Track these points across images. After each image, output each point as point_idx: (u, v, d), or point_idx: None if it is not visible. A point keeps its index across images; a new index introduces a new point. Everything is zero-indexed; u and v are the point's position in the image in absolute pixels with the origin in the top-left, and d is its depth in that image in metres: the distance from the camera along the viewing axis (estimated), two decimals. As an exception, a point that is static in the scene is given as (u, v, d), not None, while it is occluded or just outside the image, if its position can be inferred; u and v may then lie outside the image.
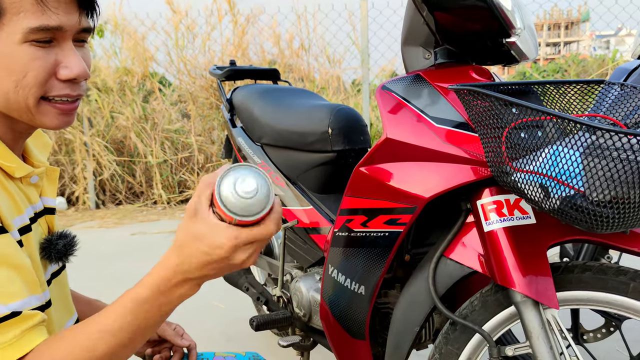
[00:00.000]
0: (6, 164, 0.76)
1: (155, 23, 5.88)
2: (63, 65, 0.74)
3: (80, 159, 5.46)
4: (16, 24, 0.69)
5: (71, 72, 0.74)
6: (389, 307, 1.43)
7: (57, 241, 0.85)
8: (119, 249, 3.89)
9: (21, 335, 0.67)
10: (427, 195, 1.15)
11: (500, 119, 0.96)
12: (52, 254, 0.84)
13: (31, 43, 0.71)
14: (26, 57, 0.71)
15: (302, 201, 1.70)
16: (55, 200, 0.90)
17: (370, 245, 1.28)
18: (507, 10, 1.12)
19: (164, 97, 5.92)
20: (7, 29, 0.69)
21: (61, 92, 0.75)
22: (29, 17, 0.69)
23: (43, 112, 0.76)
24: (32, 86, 0.72)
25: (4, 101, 0.74)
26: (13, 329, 0.66)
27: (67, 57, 0.74)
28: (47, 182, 0.88)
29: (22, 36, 0.70)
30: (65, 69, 0.74)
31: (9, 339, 0.65)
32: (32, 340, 0.67)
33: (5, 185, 0.76)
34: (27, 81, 0.72)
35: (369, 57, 4.94)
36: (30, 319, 0.68)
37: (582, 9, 12.60)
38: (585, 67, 7.02)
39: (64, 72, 0.74)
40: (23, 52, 0.70)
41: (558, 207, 0.90)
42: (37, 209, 0.84)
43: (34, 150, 0.88)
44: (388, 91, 1.25)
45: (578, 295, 1.09)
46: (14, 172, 0.77)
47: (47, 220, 0.87)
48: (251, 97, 1.98)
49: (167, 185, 5.60)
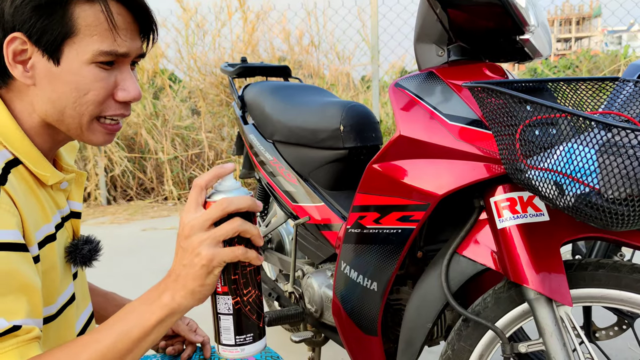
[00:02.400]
0: (41, 172, 0.78)
1: (166, 20, 5.91)
2: (121, 88, 0.78)
3: (91, 155, 5.50)
4: (88, 45, 0.73)
5: (128, 95, 0.79)
6: (401, 303, 1.44)
7: (82, 246, 0.87)
8: (130, 244, 3.92)
9: (14, 346, 0.67)
10: (440, 193, 1.15)
11: (514, 116, 0.96)
12: (77, 258, 0.86)
13: (97, 64, 0.74)
14: (91, 76, 0.75)
15: (314, 198, 1.71)
16: (81, 204, 0.92)
17: (382, 242, 1.28)
18: (521, 7, 1.12)
19: (174, 94, 5.95)
20: (78, 49, 0.73)
21: (116, 112, 0.80)
22: (102, 40, 0.73)
23: (92, 130, 0.79)
24: (91, 104, 0.76)
25: (58, 114, 0.76)
26: (10, 340, 0.67)
27: (125, 81, 0.78)
28: (74, 186, 0.90)
29: (91, 56, 0.74)
30: (124, 91, 0.78)
31: (3, 348, 0.66)
32: (24, 354, 0.68)
33: (37, 194, 0.78)
34: (87, 99, 0.76)
35: (378, 54, 4.94)
36: (26, 332, 0.68)
37: (593, 5, 12.51)
38: (596, 63, 6.95)
39: (122, 94, 0.78)
40: (89, 71, 0.74)
41: (573, 205, 0.90)
42: (64, 213, 0.86)
43: (63, 154, 0.89)
44: (401, 88, 1.25)
45: (591, 293, 1.09)
46: (47, 181, 0.79)
47: (72, 224, 0.89)
48: (263, 94, 1.98)
49: (177, 181, 5.63)
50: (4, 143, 0.75)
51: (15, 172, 0.74)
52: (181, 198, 5.49)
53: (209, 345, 1.08)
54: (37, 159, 0.78)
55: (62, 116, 0.77)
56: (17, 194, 0.71)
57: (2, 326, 0.66)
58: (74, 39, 0.73)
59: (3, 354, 0.66)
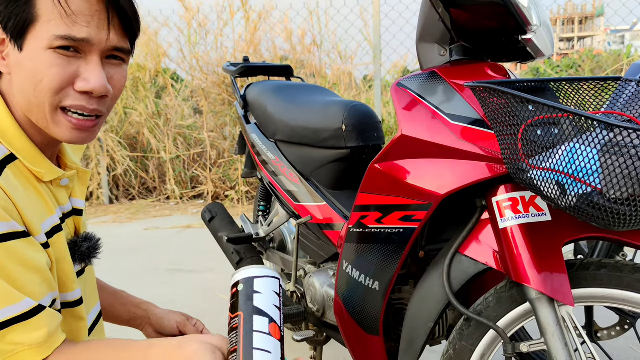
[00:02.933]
0: (36, 169, 0.78)
1: (168, 19, 5.91)
2: (82, 78, 0.75)
3: (94, 154, 5.51)
4: (45, 30, 0.72)
5: (87, 85, 0.75)
6: (403, 303, 1.44)
7: (81, 243, 0.88)
8: (132, 243, 3.92)
9: (48, 337, 0.72)
10: (442, 192, 1.15)
11: (516, 116, 0.96)
12: (75, 255, 0.87)
13: (54, 50, 0.72)
14: (46, 62, 0.72)
15: (316, 197, 1.71)
16: (84, 201, 0.92)
17: (384, 242, 1.28)
18: (524, 7, 1.12)
19: (176, 93, 5.95)
20: (37, 34, 0.72)
21: (75, 102, 0.76)
22: (58, 25, 0.71)
23: (57, 123, 0.77)
24: (47, 92, 0.73)
25: (26, 104, 0.75)
26: (42, 325, 0.71)
27: (88, 71, 0.75)
28: (77, 184, 0.90)
29: (47, 42, 0.72)
30: (83, 80, 0.75)
31: (37, 339, 0.70)
32: (56, 341, 0.73)
33: (37, 188, 0.78)
34: (43, 86, 0.73)
35: (381, 53, 4.94)
36: (55, 320, 0.73)
37: (596, 4, 12.43)
38: (599, 62, 6.93)
39: (80, 83, 0.75)
40: (45, 57, 0.72)
41: (575, 205, 0.90)
42: (66, 210, 0.86)
43: (68, 151, 0.90)
44: (403, 88, 1.25)
45: (593, 293, 1.09)
46: (43, 177, 0.80)
47: (74, 221, 0.89)
48: (265, 93, 1.99)
49: (179, 180, 5.64)
50: (0, 139, 0.75)
51: (12, 167, 0.75)
52: (183, 197, 5.50)
53: None
54: (33, 155, 0.78)
55: (29, 106, 0.75)
56: (12, 188, 0.72)
57: (30, 305, 0.70)
58: (36, 25, 0.72)
59: (35, 350, 0.71)
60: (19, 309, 0.69)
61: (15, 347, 0.69)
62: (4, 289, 0.68)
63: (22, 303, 0.69)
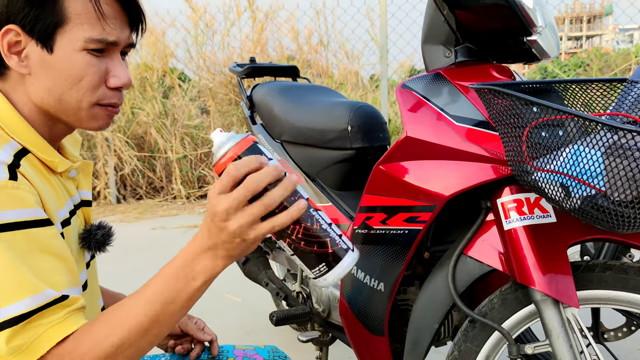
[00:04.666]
0: (49, 159, 0.81)
1: (175, 20, 5.94)
2: (112, 74, 0.81)
3: (101, 154, 5.54)
4: (78, 32, 0.76)
5: (119, 81, 0.81)
6: (408, 304, 1.44)
7: (96, 231, 0.90)
8: (139, 243, 3.94)
9: (66, 316, 0.71)
10: (447, 194, 1.15)
11: (520, 117, 0.96)
12: (91, 243, 0.89)
13: (88, 52, 0.78)
14: (84, 63, 0.78)
15: (321, 198, 1.71)
16: (90, 192, 0.94)
17: (389, 243, 1.29)
18: (529, 9, 1.12)
19: (183, 93, 5.97)
20: (70, 36, 0.76)
21: (111, 100, 0.83)
22: (92, 28, 0.77)
23: (94, 116, 0.82)
24: (87, 90, 0.79)
25: (56, 102, 0.79)
26: (61, 310, 0.71)
27: (115, 68, 0.81)
28: (82, 176, 0.93)
29: (82, 44, 0.77)
30: (115, 77, 0.81)
31: (57, 319, 0.70)
32: (76, 322, 0.72)
33: (50, 180, 0.81)
34: (83, 85, 0.79)
35: (387, 53, 4.93)
36: (74, 302, 0.73)
37: (604, 3, 12.34)
38: (607, 61, 6.90)
39: (113, 80, 0.81)
40: (82, 58, 0.78)
41: (579, 207, 0.90)
42: (75, 201, 0.89)
43: (67, 146, 0.92)
44: (408, 89, 1.25)
45: (599, 294, 1.09)
46: (56, 167, 0.83)
47: (83, 212, 0.92)
48: (271, 94, 1.99)
49: (186, 180, 5.66)
50: (10, 134, 0.78)
51: (26, 160, 0.77)
52: (190, 197, 5.52)
53: (217, 343, 1.09)
54: (44, 146, 0.81)
55: (60, 103, 0.80)
56: (31, 176, 0.75)
57: (52, 296, 0.70)
58: (65, 27, 0.76)
59: (54, 326, 0.70)
60: (41, 300, 0.69)
61: (37, 330, 0.69)
62: (25, 279, 0.68)
63: (45, 294, 0.69)
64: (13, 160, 0.74)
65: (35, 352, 0.68)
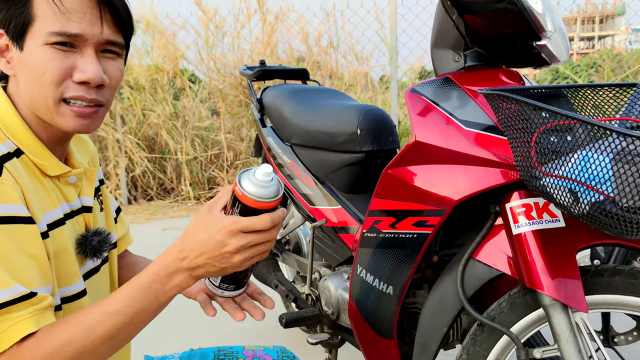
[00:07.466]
0: (39, 161, 0.83)
1: (186, 22, 5.97)
2: (79, 69, 0.80)
3: (112, 155, 5.58)
4: (41, 28, 0.77)
5: (83, 75, 0.80)
6: (417, 307, 1.44)
7: (92, 237, 0.91)
8: (150, 244, 3.97)
9: (34, 313, 0.72)
10: (456, 198, 1.16)
11: (529, 123, 0.96)
12: (87, 249, 0.90)
13: (51, 46, 0.78)
14: (45, 57, 0.78)
15: (331, 200, 1.72)
16: (92, 199, 0.95)
17: (398, 247, 1.29)
18: (538, 14, 1.12)
19: (194, 95, 6.01)
20: (34, 33, 0.78)
21: (75, 93, 0.81)
22: (52, 22, 0.77)
23: (61, 114, 0.81)
24: (49, 85, 0.79)
25: (30, 101, 0.81)
26: (29, 307, 0.72)
27: (84, 62, 0.80)
28: (86, 183, 0.94)
29: (44, 39, 0.77)
30: (80, 71, 0.80)
31: (23, 315, 0.71)
32: (42, 320, 0.73)
33: (43, 182, 0.83)
34: (45, 79, 0.79)
35: (397, 55, 4.93)
36: (42, 300, 0.74)
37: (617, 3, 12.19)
38: (620, 62, 6.83)
39: (78, 74, 0.80)
40: (43, 53, 0.78)
41: (587, 212, 0.90)
42: (75, 207, 0.90)
43: (76, 154, 0.94)
44: (417, 94, 1.26)
45: (608, 299, 1.09)
46: (47, 170, 0.84)
47: (84, 218, 0.92)
48: (281, 97, 2.00)
49: (196, 181, 5.69)
50: (7, 135, 0.80)
51: (20, 160, 0.79)
52: (200, 198, 5.55)
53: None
54: (38, 149, 0.82)
55: (33, 102, 0.81)
56: (20, 176, 0.77)
57: (21, 292, 0.71)
58: (34, 25, 0.77)
59: (20, 322, 0.71)
60: (10, 294, 0.70)
61: (3, 325, 0.70)
62: None
63: (13, 289, 0.70)
64: (2, 156, 0.76)
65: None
